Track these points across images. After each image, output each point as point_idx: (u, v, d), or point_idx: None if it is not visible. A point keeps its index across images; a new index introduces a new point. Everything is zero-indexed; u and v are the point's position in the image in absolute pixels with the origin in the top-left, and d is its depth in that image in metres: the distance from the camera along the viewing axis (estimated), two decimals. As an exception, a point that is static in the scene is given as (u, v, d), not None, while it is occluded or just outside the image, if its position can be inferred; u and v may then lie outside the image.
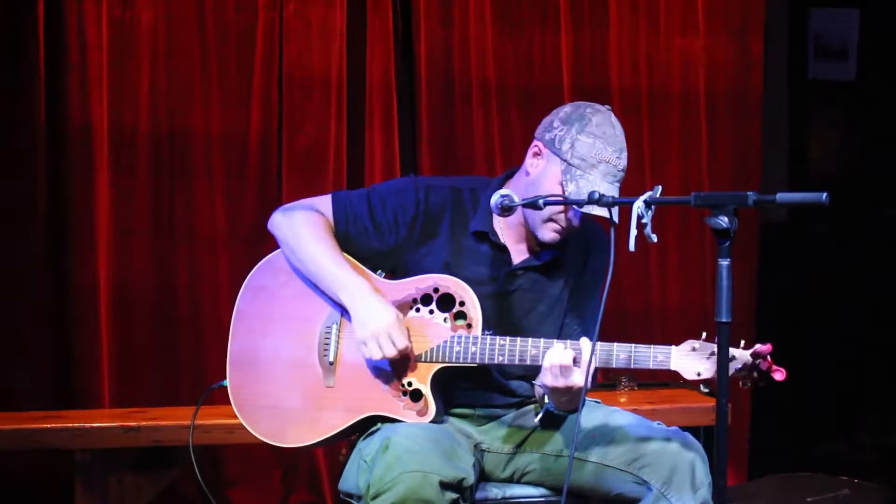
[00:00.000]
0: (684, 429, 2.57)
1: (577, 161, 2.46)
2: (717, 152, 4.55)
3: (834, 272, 4.87)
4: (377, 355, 2.46)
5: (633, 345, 2.39)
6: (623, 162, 2.50)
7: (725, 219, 2.04)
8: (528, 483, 2.64)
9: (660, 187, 2.21)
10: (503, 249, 2.61)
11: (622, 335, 2.46)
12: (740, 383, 2.37)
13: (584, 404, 2.38)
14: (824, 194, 1.99)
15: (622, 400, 3.86)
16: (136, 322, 4.12)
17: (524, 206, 2.47)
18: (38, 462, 3.95)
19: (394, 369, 2.51)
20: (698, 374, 2.37)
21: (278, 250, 2.64)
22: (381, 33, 4.25)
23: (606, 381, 4.14)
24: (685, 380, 2.39)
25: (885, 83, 4.91)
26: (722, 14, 4.52)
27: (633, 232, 2.15)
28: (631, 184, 4.30)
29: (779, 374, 2.32)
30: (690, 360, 2.37)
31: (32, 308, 4.04)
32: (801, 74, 4.98)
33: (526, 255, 2.63)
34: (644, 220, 2.16)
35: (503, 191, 2.50)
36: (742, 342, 2.35)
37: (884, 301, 4.85)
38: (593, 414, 2.60)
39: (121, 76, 4.08)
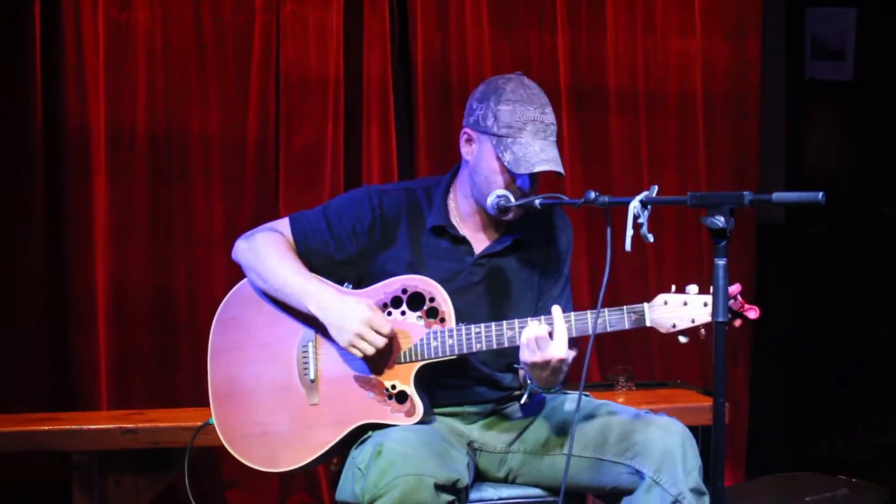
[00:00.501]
0: (681, 428, 2.55)
1: (504, 130, 2.48)
2: (714, 153, 4.55)
3: (832, 272, 4.86)
4: (370, 351, 2.47)
5: (607, 309, 2.40)
6: (549, 117, 2.51)
7: (722, 219, 2.04)
8: (522, 484, 2.63)
9: (656, 187, 2.21)
10: (463, 241, 2.62)
11: (620, 333, 2.45)
12: None
13: (583, 388, 2.38)
14: (820, 193, 1.98)
15: (620, 400, 3.82)
16: (134, 324, 4.12)
17: (521, 206, 2.49)
18: (36, 464, 3.94)
19: (376, 375, 2.51)
20: (674, 326, 2.37)
21: (244, 280, 2.66)
22: (377, 34, 4.25)
23: (604, 380, 4.14)
24: (662, 334, 2.36)
25: (882, 83, 4.90)
26: (719, 14, 4.51)
27: (630, 232, 2.16)
28: (629, 184, 4.38)
29: (752, 312, 2.32)
30: (664, 313, 2.38)
31: (30, 310, 4.03)
32: (798, 74, 4.97)
33: (487, 243, 2.63)
34: (640, 220, 2.16)
35: (499, 191, 2.51)
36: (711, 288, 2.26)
37: (882, 301, 4.85)
38: (582, 408, 2.58)
39: (118, 78, 4.08)
